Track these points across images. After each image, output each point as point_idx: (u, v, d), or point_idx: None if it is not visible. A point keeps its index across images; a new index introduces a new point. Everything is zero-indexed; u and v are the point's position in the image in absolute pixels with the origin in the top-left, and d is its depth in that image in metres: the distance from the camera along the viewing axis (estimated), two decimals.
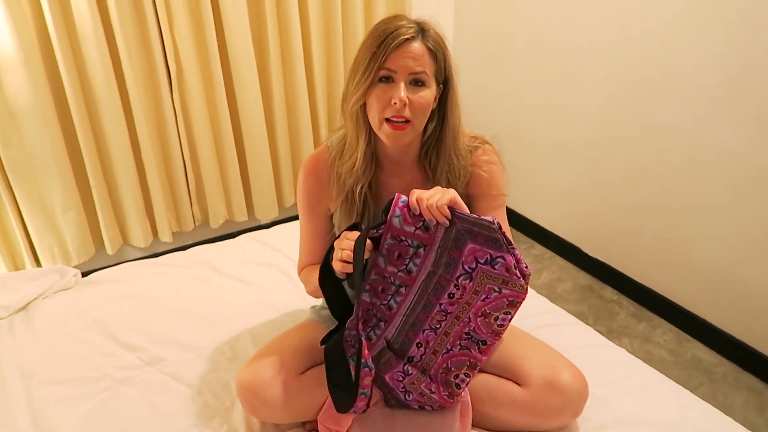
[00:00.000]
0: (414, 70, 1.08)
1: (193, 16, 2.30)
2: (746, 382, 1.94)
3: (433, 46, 1.10)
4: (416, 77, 1.09)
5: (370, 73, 1.09)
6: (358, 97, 1.12)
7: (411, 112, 1.10)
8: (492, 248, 1.00)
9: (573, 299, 2.40)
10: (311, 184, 1.27)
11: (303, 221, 1.33)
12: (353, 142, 1.20)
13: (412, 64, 1.08)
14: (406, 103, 1.08)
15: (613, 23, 2.15)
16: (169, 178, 2.54)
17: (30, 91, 2.09)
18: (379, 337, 1.15)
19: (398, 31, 1.08)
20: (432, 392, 1.14)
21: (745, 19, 1.74)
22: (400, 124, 1.11)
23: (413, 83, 1.10)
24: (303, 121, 2.67)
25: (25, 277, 1.78)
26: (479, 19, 2.82)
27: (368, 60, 1.09)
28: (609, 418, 1.23)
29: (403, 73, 1.08)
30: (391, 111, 1.09)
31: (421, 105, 1.10)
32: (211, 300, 1.71)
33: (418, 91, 1.10)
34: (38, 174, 2.22)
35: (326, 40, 2.63)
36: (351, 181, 1.21)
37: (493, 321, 1.07)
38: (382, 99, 1.10)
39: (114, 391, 1.37)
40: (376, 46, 1.08)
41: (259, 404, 1.15)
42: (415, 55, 1.08)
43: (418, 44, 1.09)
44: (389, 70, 1.09)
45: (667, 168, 2.09)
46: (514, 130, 2.77)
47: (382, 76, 1.10)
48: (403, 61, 1.08)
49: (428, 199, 0.99)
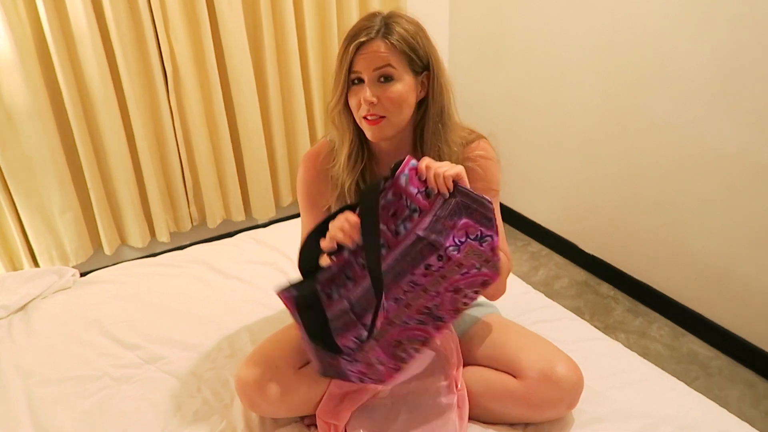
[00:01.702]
0: (376, 66, 1.11)
1: (188, 17, 2.31)
2: (742, 375, 1.96)
3: (397, 40, 1.12)
4: (381, 73, 1.12)
5: (341, 78, 1.15)
6: (336, 101, 1.18)
7: (382, 107, 1.13)
8: (484, 226, 1.04)
9: (569, 295, 2.41)
10: (311, 177, 1.30)
11: (303, 214, 1.36)
12: (339, 143, 1.25)
13: (374, 62, 1.11)
14: (373, 101, 1.12)
15: (609, 20, 2.17)
16: (167, 179, 2.55)
17: (27, 93, 2.09)
18: (342, 297, 1.12)
19: (358, 34, 1.12)
20: (380, 363, 1.12)
21: (742, 17, 1.75)
22: (375, 120, 1.14)
23: (383, 80, 1.13)
24: (299, 121, 2.68)
25: (23, 277, 1.78)
26: (475, 16, 2.83)
27: (338, 66, 1.15)
28: (605, 411, 1.24)
29: (368, 73, 1.12)
30: (363, 110, 1.14)
31: (391, 99, 1.13)
32: (209, 299, 1.72)
33: (388, 87, 1.13)
34: (36, 176, 2.23)
35: (322, 40, 2.64)
36: (341, 179, 1.24)
37: (461, 297, 1.09)
38: (355, 100, 1.15)
39: (113, 389, 1.38)
40: (343, 50, 1.14)
41: (258, 399, 1.16)
42: (376, 54, 1.11)
43: (379, 42, 1.11)
44: (356, 73, 1.13)
45: (664, 165, 2.10)
46: (511, 128, 2.78)
47: (353, 79, 1.14)
48: (365, 62, 1.12)
49: (437, 168, 1.02)
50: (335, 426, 1.17)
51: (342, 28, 2.63)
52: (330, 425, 1.17)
